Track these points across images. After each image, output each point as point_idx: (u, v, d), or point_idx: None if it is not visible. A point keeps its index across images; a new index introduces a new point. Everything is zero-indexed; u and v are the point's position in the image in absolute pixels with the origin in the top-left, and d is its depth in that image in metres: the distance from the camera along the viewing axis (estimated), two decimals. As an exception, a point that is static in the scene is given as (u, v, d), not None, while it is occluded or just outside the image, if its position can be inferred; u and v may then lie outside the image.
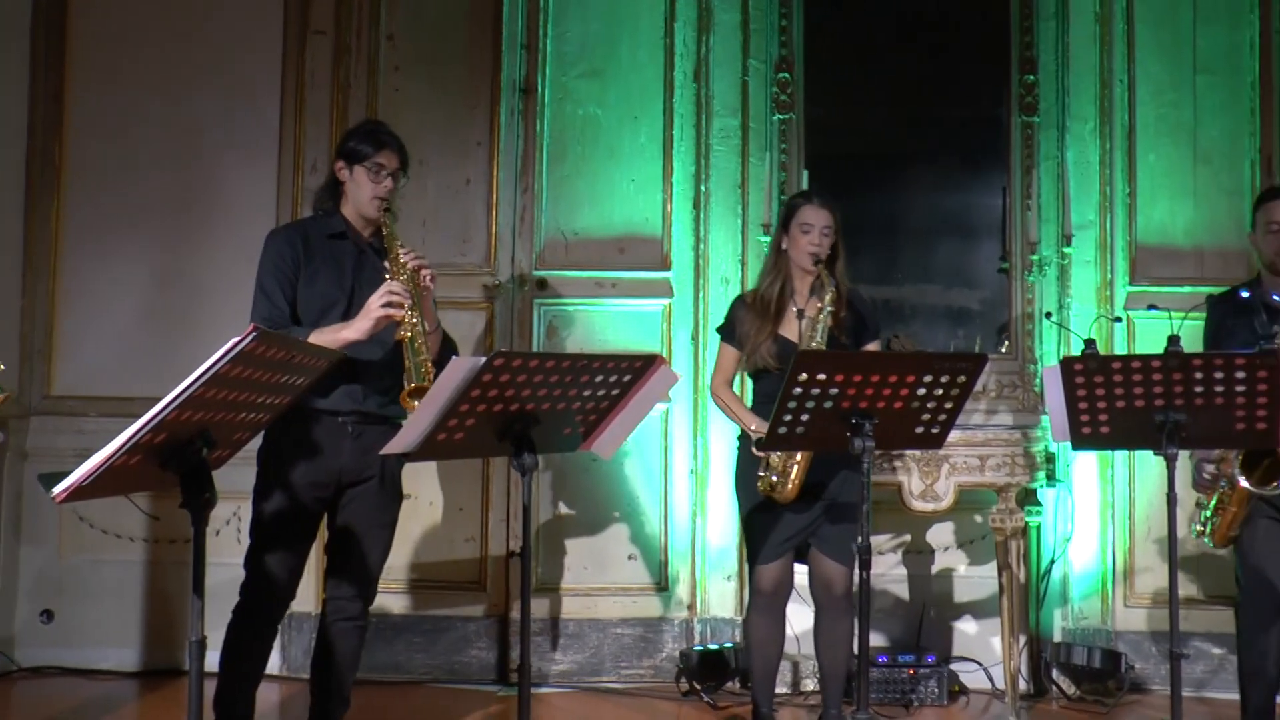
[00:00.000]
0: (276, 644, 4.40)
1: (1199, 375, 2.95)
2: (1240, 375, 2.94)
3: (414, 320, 3.08)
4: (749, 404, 3.75)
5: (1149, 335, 4.45)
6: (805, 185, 4.50)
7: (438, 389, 2.53)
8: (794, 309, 3.61)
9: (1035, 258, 4.57)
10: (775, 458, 3.44)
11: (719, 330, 3.79)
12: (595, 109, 4.72)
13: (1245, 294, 3.65)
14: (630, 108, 4.72)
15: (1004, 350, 4.59)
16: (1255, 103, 4.72)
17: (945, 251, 4.75)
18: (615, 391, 2.81)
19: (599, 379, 2.74)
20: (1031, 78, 4.64)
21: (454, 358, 2.62)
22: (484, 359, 2.47)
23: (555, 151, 4.71)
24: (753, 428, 3.52)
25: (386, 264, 3.16)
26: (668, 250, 4.71)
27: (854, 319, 3.65)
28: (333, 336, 3.04)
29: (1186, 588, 4.58)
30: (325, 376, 2.73)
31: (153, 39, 4.79)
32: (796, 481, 3.44)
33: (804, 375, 2.86)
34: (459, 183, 4.74)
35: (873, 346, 3.70)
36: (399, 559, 4.58)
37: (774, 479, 3.45)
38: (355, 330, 3.05)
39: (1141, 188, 4.69)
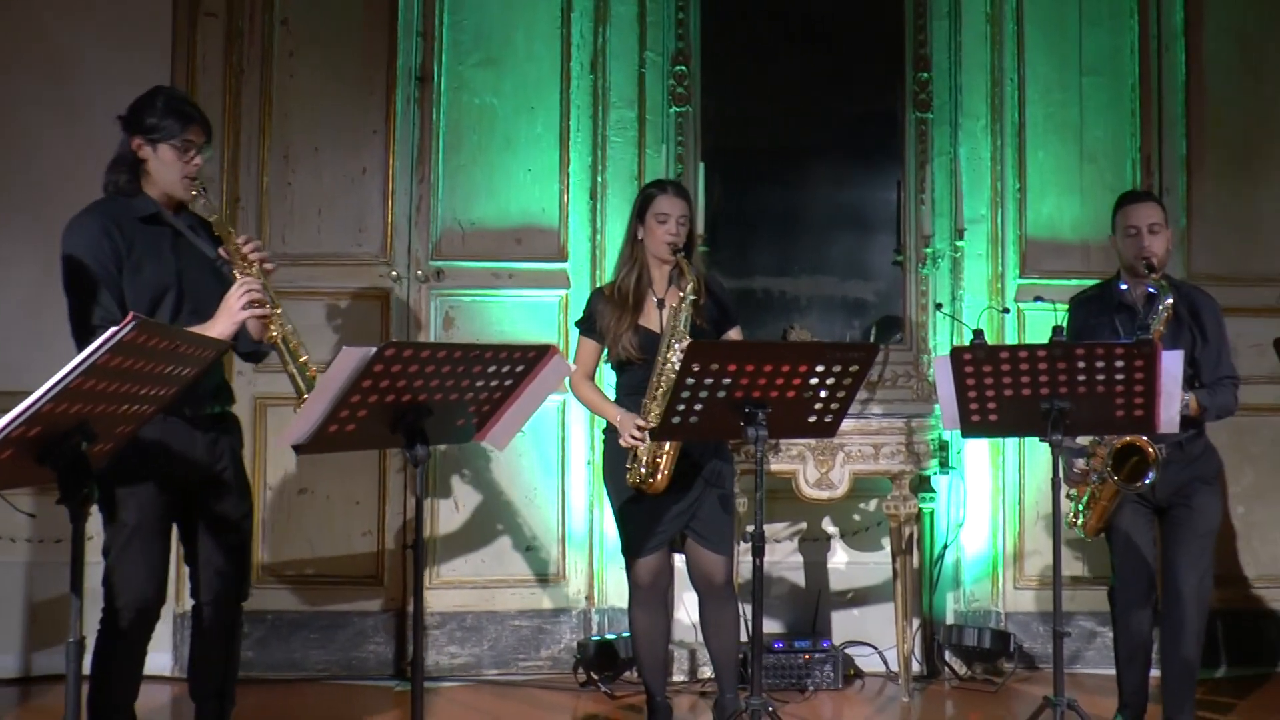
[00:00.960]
0: (168, 644, 4.38)
1: (1082, 365, 3.06)
2: (1120, 365, 3.05)
3: (281, 316, 2.93)
4: (613, 397, 3.71)
5: (1039, 326, 4.55)
6: (702, 178, 4.53)
7: (327, 380, 2.47)
8: (653, 299, 3.60)
9: (929, 251, 4.68)
10: (644, 450, 3.42)
11: (578, 324, 3.74)
12: (491, 98, 4.67)
13: (1123, 286, 3.76)
14: (527, 98, 4.68)
15: (898, 341, 4.69)
16: (1135, 104, 4.90)
17: (841, 244, 4.80)
18: (508, 382, 2.78)
19: (492, 370, 2.70)
20: (925, 75, 4.75)
21: (344, 348, 2.56)
22: (374, 349, 2.42)
23: (451, 141, 4.65)
24: (618, 419, 3.50)
25: (221, 252, 2.96)
26: (564, 241, 4.69)
27: (714, 306, 3.65)
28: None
29: (1072, 568, 4.75)
30: (212, 368, 2.63)
31: (36, 20, 4.60)
32: (666, 473, 3.43)
33: (696, 366, 2.87)
34: (355, 171, 4.65)
35: (733, 333, 3.71)
36: (294, 554, 4.52)
37: (643, 471, 3.44)
38: (218, 333, 2.83)
39: (1031, 184, 4.83)
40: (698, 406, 2.94)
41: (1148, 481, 3.47)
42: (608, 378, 3.88)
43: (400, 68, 4.64)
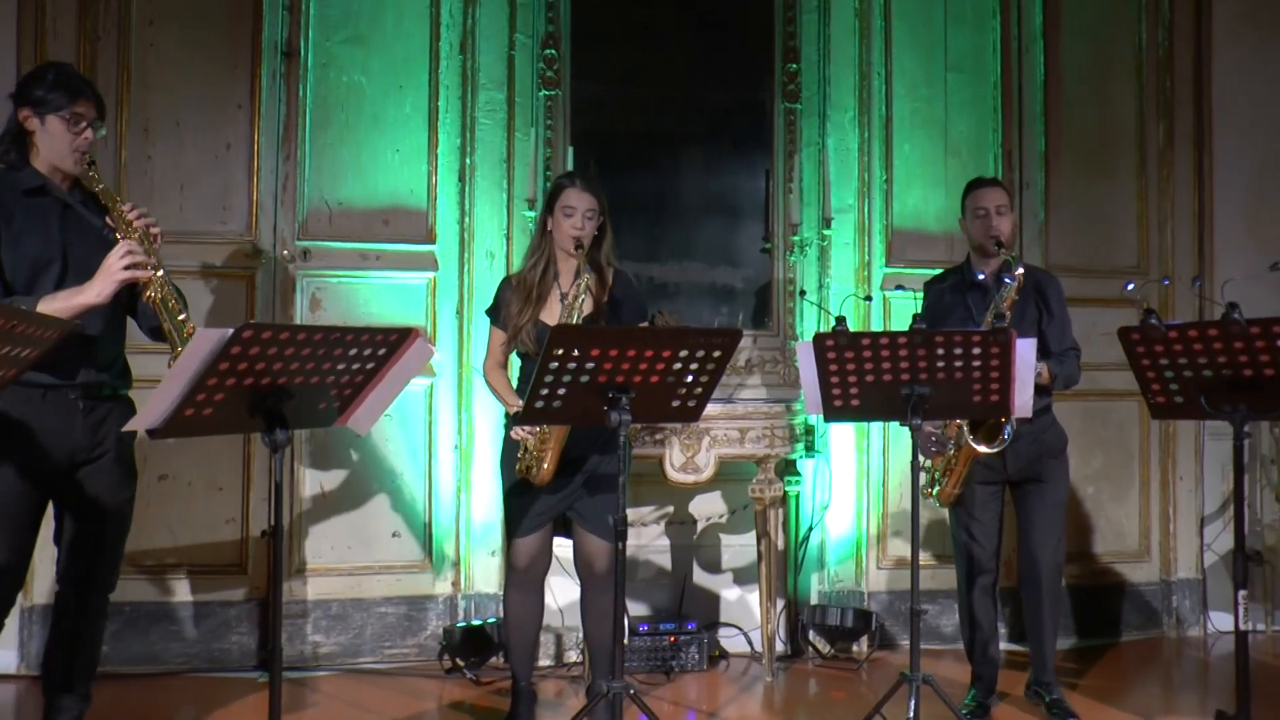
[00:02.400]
0: (13, 640, 4.18)
1: (940, 351, 3.15)
2: (976, 351, 3.16)
3: (162, 278, 2.91)
4: (518, 385, 3.71)
5: (905, 313, 4.65)
6: (570, 162, 4.51)
7: (183, 362, 2.39)
8: (558, 292, 3.60)
9: (796, 239, 4.75)
10: (531, 441, 3.43)
11: (487, 312, 3.75)
12: (360, 76, 4.57)
13: (980, 275, 3.89)
14: (395, 77, 4.60)
15: (765, 327, 4.75)
16: (997, 101, 5.07)
17: (710, 231, 4.85)
18: (370, 365, 2.73)
19: (353, 352, 2.65)
20: (794, 66, 4.81)
21: (200, 329, 2.48)
22: (231, 330, 2.36)
23: (319, 118, 4.54)
24: (512, 408, 3.51)
25: (109, 221, 2.95)
26: (433, 223, 4.63)
27: (618, 302, 3.66)
28: (67, 303, 2.84)
29: (934, 547, 4.90)
30: (55, 348, 2.53)
31: None
32: (550, 466, 3.45)
33: (559, 350, 2.86)
34: (219, 146, 4.49)
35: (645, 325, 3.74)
36: (154, 543, 4.36)
37: (530, 463, 3.45)
38: (94, 294, 2.85)
39: (898, 175, 4.96)
40: (561, 391, 2.94)
41: (1006, 436, 3.58)
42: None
43: (266, 41, 4.50)
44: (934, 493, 3.85)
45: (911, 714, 3.16)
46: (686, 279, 4.74)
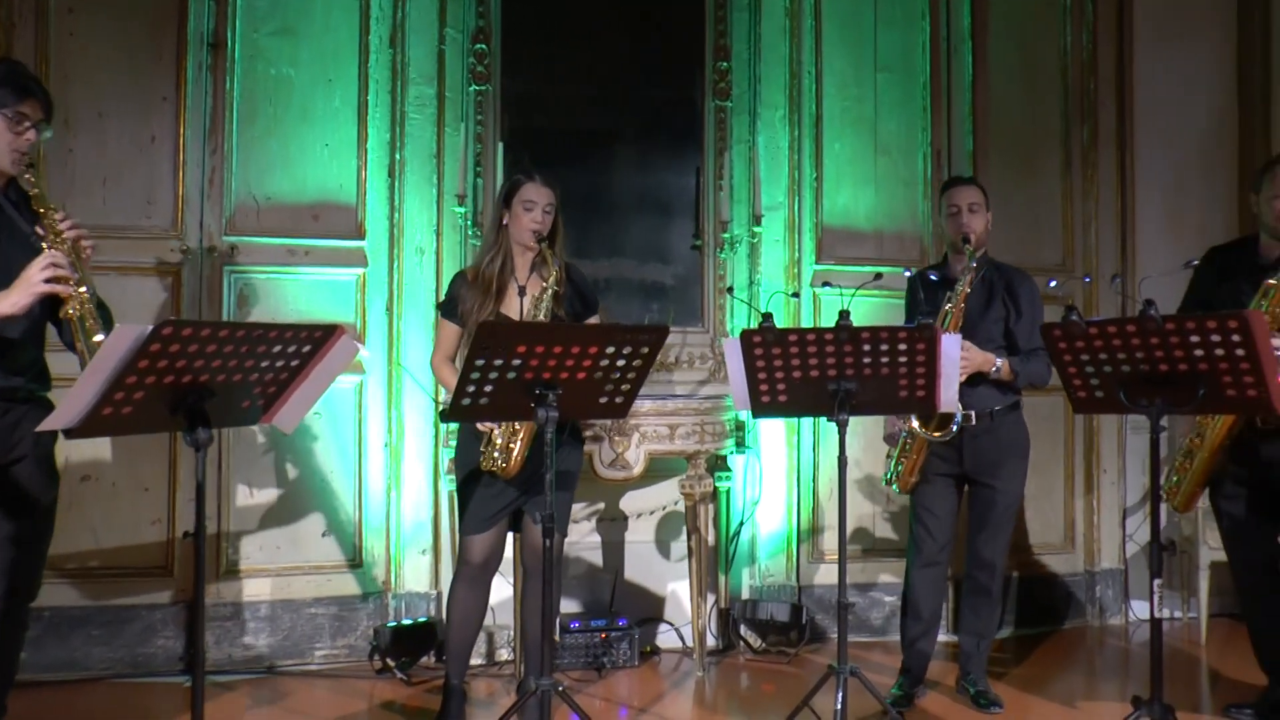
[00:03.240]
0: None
1: (867, 347, 3.19)
2: (902, 347, 3.20)
3: (85, 295, 2.83)
4: None
5: (835, 310, 4.65)
6: (501, 158, 4.50)
7: (100, 359, 2.35)
8: (515, 286, 3.62)
9: (727, 236, 4.78)
10: (498, 435, 3.43)
11: (439, 306, 3.74)
12: (288, 69, 4.51)
13: (933, 276, 3.97)
14: (324, 70, 4.55)
15: (696, 324, 4.79)
16: (927, 101, 5.14)
17: (641, 228, 4.85)
18: (295, 363, 2.70)
19: (277, 349, 2.63)
20: (725, 64, 4.85)
21: (118, 326, 2.43)
22: (150, 327, 2.32)
23: (246, 111, 4.47)
24: None
25: (39, 229, 2.86)
26: (362, 219, 4.58)
27: (574, 296, 3.69)
28: None
29: (867, 541, 4.96)
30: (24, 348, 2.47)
31: None
32: (519, 458, 3.44)
33: (486, 347, 2.85)
34: (143, 139, 4.40)
35: (592, 321, 3.73)
36: (77, 545, 4.26)
37: (496, 456, 3.44)
38: (9, 304, 2.76)
39: (828, 174, 5.01)
40: (488, 388, 2.93)
41: (956, 426, 3.66)
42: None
43: (191, 32, 4.42)
44: (894, 480, 3.92)
45: (839, 705, 3.19)
46: (617, 275, 4.73)
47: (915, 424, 3.74)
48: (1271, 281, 3.46)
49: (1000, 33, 5.27)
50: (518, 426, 3.42)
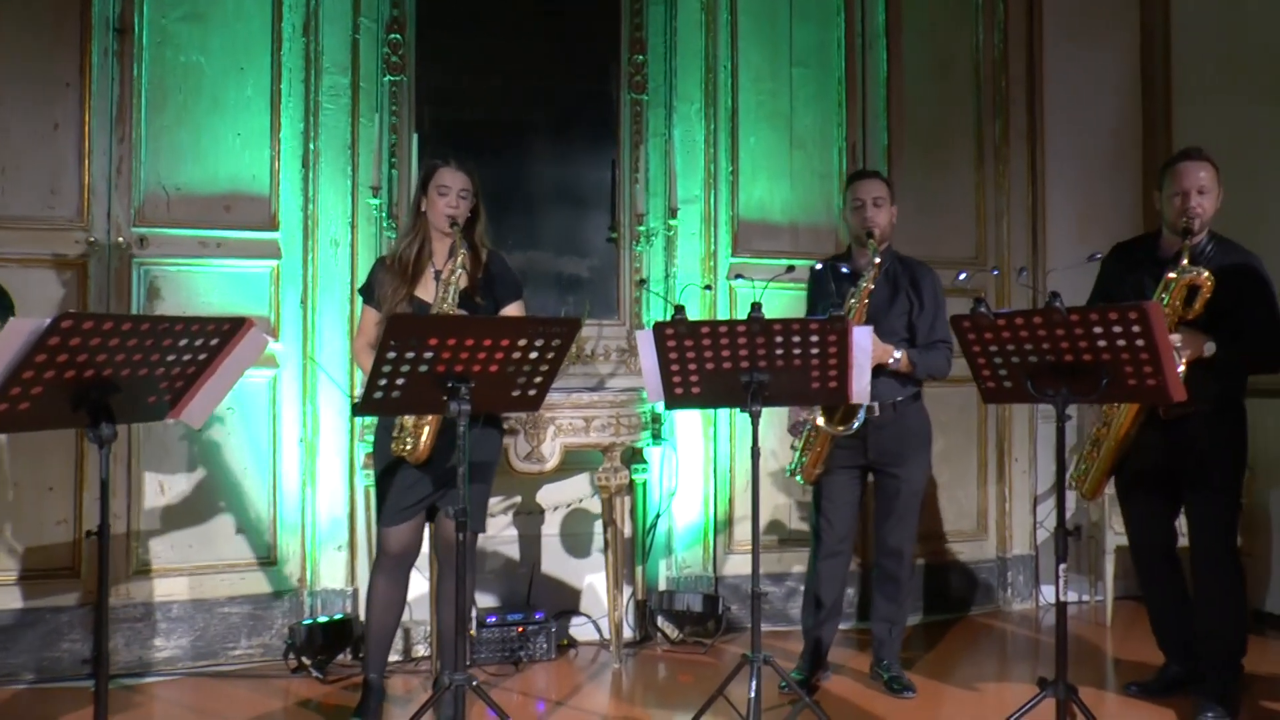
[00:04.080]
0: None
1: (779, 339, 3.22)
2: (814, 339, 3.23)
3: None
4: None
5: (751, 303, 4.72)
6: (415, 150, 4.47)
7: (-6, 354, 2.29)
8: (432, 270, 3.61)
9: (643, 229, 4.80)
10: (409, 421, 3.41)
11: (360, 291, 3.74)
12: (198, 56, 4.42)
13: (844, 269, 4.01)
14: (236, 58, 4.46)
15: (612, 316, 4.80)
16: (842, 96, 5.20)
17: (557, 220, 4.83)
18: (203, 356, 2.66)
19: (184, 343, 2.59)
20: (641, 58, 4.86)
21: (12, 319, 2.37)
22: (48, 321, 2.26)
23: (155, 99, 4.37)
24: None
25: None
26: (276, 210, 4.51)
27: (495, 282, 3.67)
28: None
29: (783, 531, 5.01)
30: None
31: None
32: (427, 443, 3.43)
33: (395, 340, 2.83)
34: (45, 127, 4.27)
35: (514, 308, 3.72)
36: (-26, 548, 4.13)
37: (408, 440, 3.43)
38: None
39: (743, 167, 5.04)
40: (400, 381, 2.91)
41: (857, 424, 3.70)
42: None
43: (96, 16, 4.29)
44: (799, 471, 3.97)
45: (752, 694, 3.22)
46: (533, 268, 4.70)
47: (820, 420, 3.78)
48: (1171, 275, 3.56)
49: (914, 30, 5.36)
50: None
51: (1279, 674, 4.29)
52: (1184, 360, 3.46)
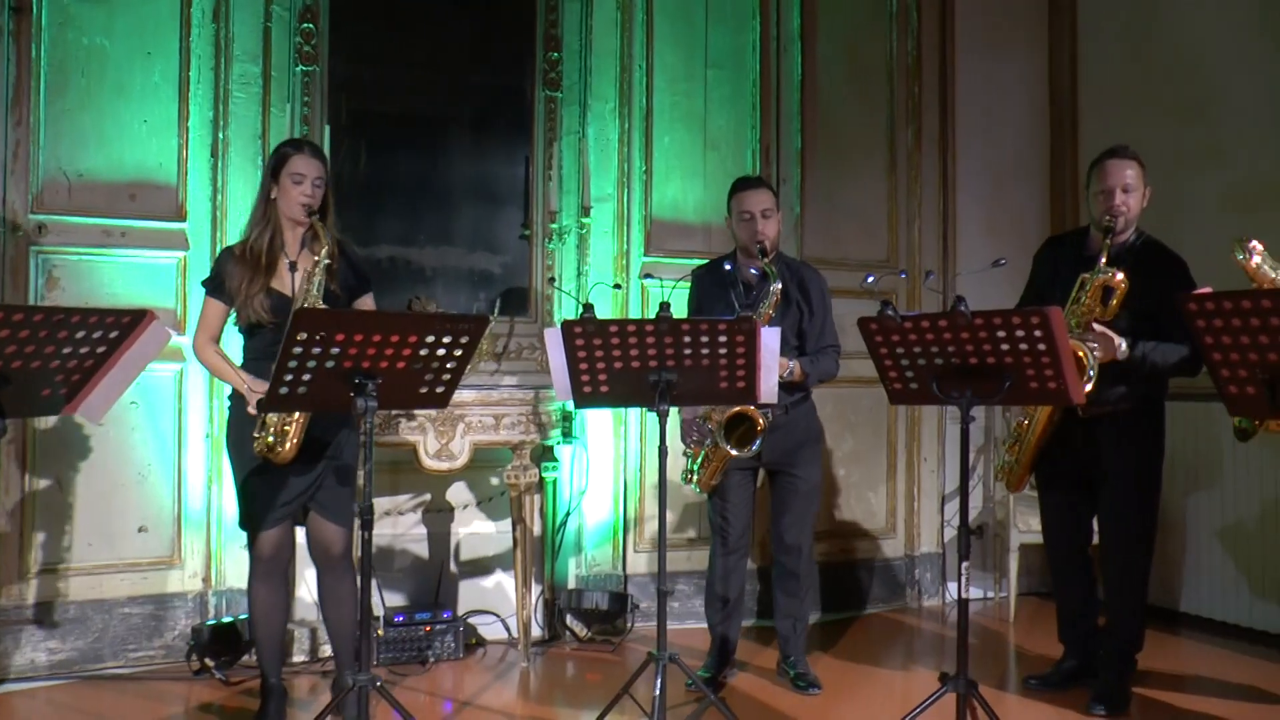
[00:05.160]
0: None
1: (687, 339, 3.23)
2: (722, 339, 3.24)
3: None
4: (240, 361, 3.57)
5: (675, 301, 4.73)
6: (327, 140, 4.39)
7: None
8: (286, 261, 3.50)
9: (555, 226, 4.79)
10: (272, 417, 3.33)
11: (204, 284, 3.58)
12: (102, 39, 4.29)
13: (728, 266, 4.03)
14: (142, 42, 4.34)
15: (524, 314, 4.78)
16: (756, 98, 5.24)
17: (469, 216, 4.80)
18: (101, 349, 2.59)
19: (81, 335, 2.51)
20: (556, 55, 4.85)
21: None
22: (-70, 313, 2.19)
23: (55, 82, 4.23)
24: (246, 386, 3.39)
25: None
26: (183, 200, 4.40)
27: (349, 272, 3.60)
28: None
29: (690, 529, 5.05)
30: None
31: None
32: (295, 442, 3.36)
33: (303, 334, 2.78)
34: (-65, 108, 4.13)
35: (367, 300, 3.66)
36: None
37: (271, 439, 3.35)
38: None
39: (657, 167, 5.06)
40: (306, 377, 2.86)
41: (754, 449, 3.74)
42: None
43: (-8, -5, 4.17)
44: (694, 481, 4.00)
45: (658, 692, 3.24)
46: (445, 264, 4.68)
47: (721, 439, 3.81)
48: (1085, 276, 3.65)
49: (829, 35, 5.43)
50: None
51: (1187, 671, 4.43)
52: (1098, 360, 3.55)
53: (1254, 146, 5.01)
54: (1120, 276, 3.60)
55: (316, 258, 3.41)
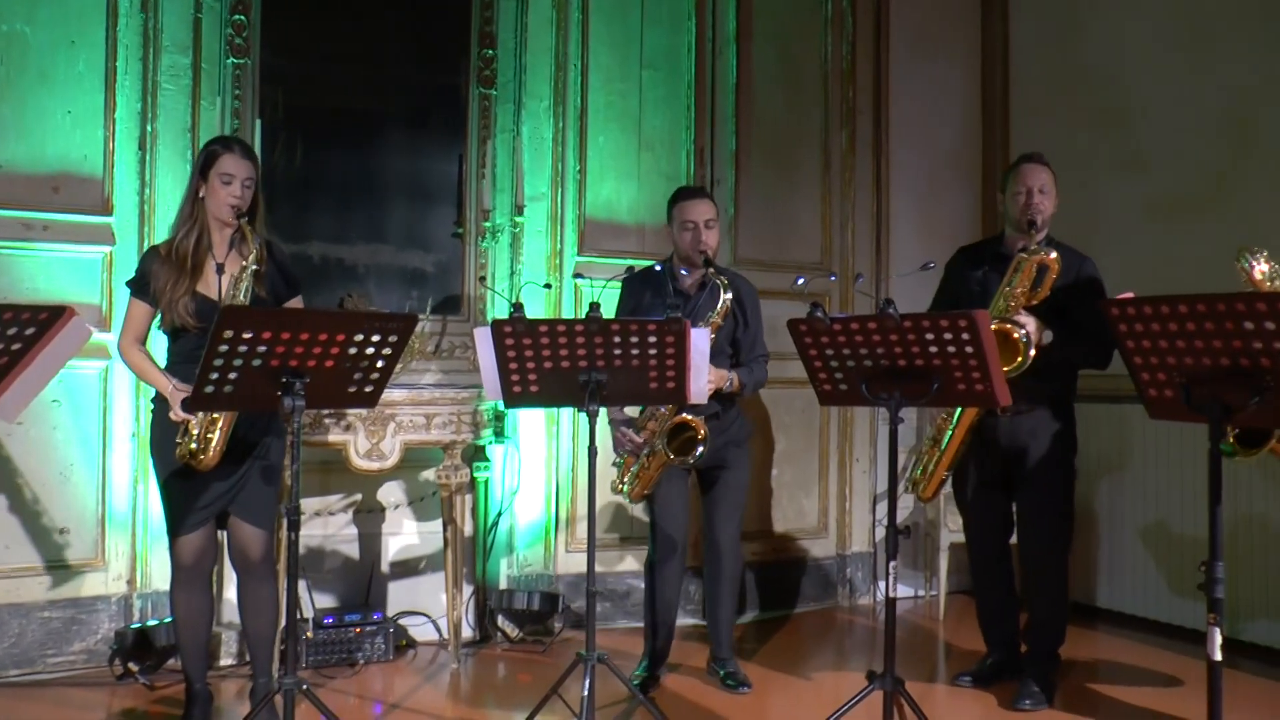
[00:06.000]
0: None
1: (617, 339, 3.23)
2: (652, 340, 3.25)
3: None
4: (165, 364, 3.49)
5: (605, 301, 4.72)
6: (258, 134, 4.32)
7: None
8: (213, 263, 3.43)
9: (489, 225, 4.77)
10: (195, 423, 3.27)
11: (129, 284, 3.49)
12: (23, 26, 4.17)
13: (659, 267, 4.05)
14: (66, 30, 4.23)
15: (457, 313, 4.76)
16: (691, 100, 5.26)
17: (402, 213, 4.76)
18: (16, 346, 2.50)
19: (-6, 331, 2.44)
20: (491, 52, 4.83)
21: None
22: None
23: (-28, 70, 4.13)
24: (169, 390, 3.31)
25: None
26: (109, 193, 4.30)
27: (276, 275, 3.54)
28: None
29: (622, 528, 5.05)
30: None
31: None
32: (218, 448, 3.31)
33: (229, 332, 2.74)
34: None
35: (295, 303, 3.61)
36: None
37: (194, 446, 3.29)
38: None
39: (591, 166, 5.06)
40: (232, 375, 2.82)
41: (697, 455, 3.77)
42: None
43: (-97, -21, 4.04)
44: (626, 491, 4.01)
45: (585, 693, 3.24)
46: (377, 262, 4.64)
47: (662, 446, 3.82)
48: (1022, 255, 3.73)
49: (764, 38, 5.46)
50: (217, 415, 3.28)
51: (1104, 661, 4.56)
52: (1034, 345, 3.62)
53: (1171, 156, 5.13)
54: (1055, 255, 3.71)
55: (245, 262, 3.34)
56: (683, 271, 4.06)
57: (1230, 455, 3.21)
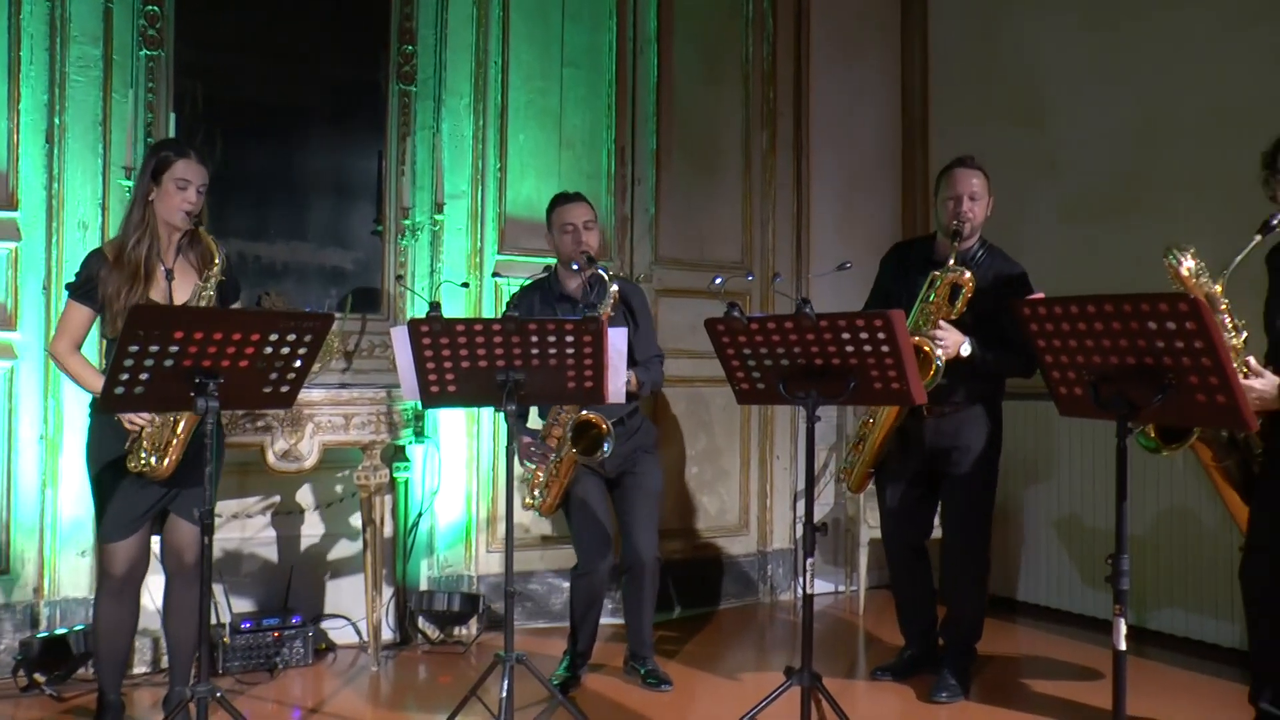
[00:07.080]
0: None
1: (535, 339, 3.22)
2: (570, 339, 3.25)
3: None
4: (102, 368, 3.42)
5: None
6: (172, 129, 4.23)
7: None
8: (162, 269, 3.36)
9: (408, 223, 4.73)
10: (149, 433, 3.21)
11: (70, 288, 3.39)
12: (-81, 14, 4.05)
13: (543, 272, 4.07)
14: (-35, 18, 4.11)
15: (376, 311, 4.71)
16: (612, 98, 5.26)
17: (321, 210, 4.70)
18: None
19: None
20: (410, 48, 4.79)
21: None
22: None
23: None
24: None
25: None
26: (14, 188, 4.17)
27: (227, 282, 3.47)
28: None
29: (542, 528, 5.04)
30: None
31: None
32: (174, 459, 3.26)
33: (140, 332, 2.68)
34: None
35: (237, 306, 3.56)
36: None
37: (152, 461, 3.23)
38: None
39: (512, 165, 5.03)
40: (144, 376, 2.76)
41: (606, 450, 3.75)
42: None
43: None
44: (535, 504, 4.00)
45: (504, 694, 3.23)
46: (296, 259, 4.57)
47: (569, 445, 3.83)
48: (936, 274, 3.79)
49: (685, 38, 5.48)
50: (176, 423, 3.22)
51: (1022, 654, 4.66)
52: (944, 356, 3.68)
53: (1084, 160, 5.26)
54: (968, 275, 3.76)
55: (210, 271, 3.29)
56: (573, 267, 4.01)
57: (1154, 450, 3.30)
